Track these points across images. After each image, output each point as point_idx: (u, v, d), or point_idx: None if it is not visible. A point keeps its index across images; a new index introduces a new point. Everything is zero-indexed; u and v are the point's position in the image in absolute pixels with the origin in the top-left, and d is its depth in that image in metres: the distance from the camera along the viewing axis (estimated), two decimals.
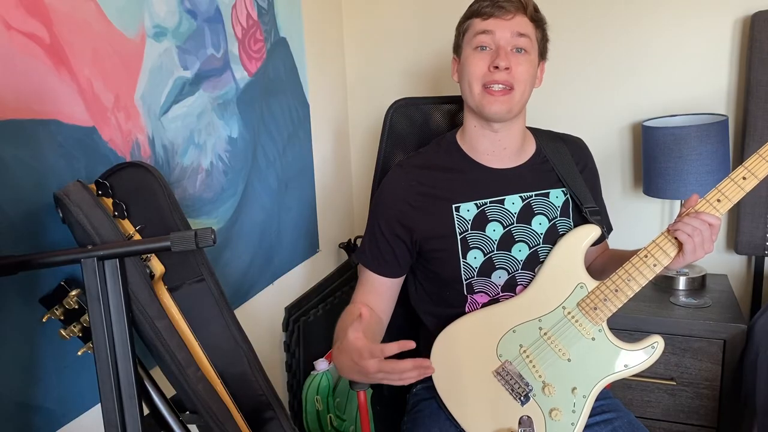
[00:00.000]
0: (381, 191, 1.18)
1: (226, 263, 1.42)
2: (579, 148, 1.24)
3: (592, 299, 1.07)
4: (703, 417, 1.59)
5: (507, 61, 1.05)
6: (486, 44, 1.07)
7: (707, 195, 1.02)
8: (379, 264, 1.17)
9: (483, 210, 1.13)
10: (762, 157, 0.99)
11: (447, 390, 1.13)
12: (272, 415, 1.07)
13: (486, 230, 1.13)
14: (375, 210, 1.19)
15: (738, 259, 1.83)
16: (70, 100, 0.98)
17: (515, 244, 1.14)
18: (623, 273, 1.06)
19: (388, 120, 1.36)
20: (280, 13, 1.64)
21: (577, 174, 1.19)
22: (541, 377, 1.08)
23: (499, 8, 1.06)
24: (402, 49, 2.04)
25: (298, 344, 1.74)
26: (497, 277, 1.14)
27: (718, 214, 1.01)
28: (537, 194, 1.16)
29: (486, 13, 1.07)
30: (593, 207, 1.17)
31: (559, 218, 1.16)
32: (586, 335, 1.07)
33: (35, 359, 0.94)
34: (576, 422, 1.06)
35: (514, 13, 1.07)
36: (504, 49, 1.06)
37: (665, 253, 1.04)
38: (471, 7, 1.12)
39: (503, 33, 1.06)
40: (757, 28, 1.62)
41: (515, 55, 1.07)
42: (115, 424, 0.83)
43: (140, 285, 0.90)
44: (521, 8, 1.07)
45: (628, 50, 1.82)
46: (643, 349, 1.07)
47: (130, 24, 1.11)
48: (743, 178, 1.00)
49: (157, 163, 1.19)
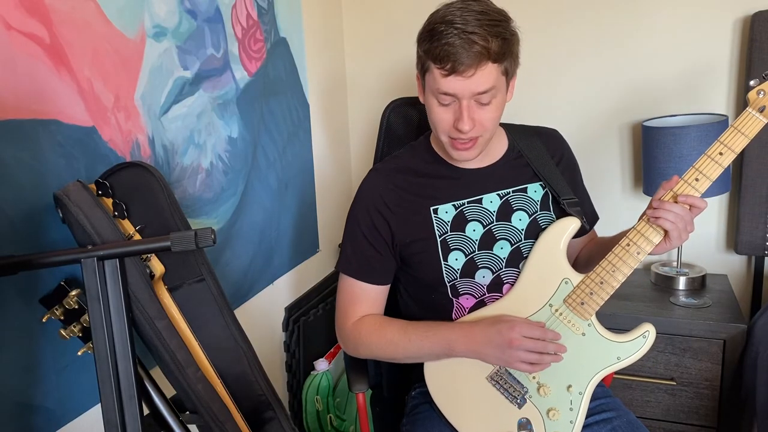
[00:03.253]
0: (358, 198, 1.16)
1: (226, 263, 1.42)
2: (554, 140, 1.22)
3: (578, 294, 1.06)
4: (703, 417, 1.60)
5: (470, 121, 1.00)
6: (448, 101, 1.01)
7: (685, 175, 1.00)
8: (364, 271, 1.14)
9: (461, 210, 1.13)
10: (738, 130, 0.98)
11: (443, 398, 1.12)
12: (272, 415, 1.07)
13: (466, 230, 1.12)
14: (355, 217, 1.16)
15: (738, 259, 1.83)
16: (70, 100, 0.98)
17: (497, 242, 1.13)
18: (607, 264, 1.04)
19: (385, 120, 1.36)
20: (280, 13, 1.64)
21: (553, 167, 1.17)
22: (535, 378, 1.07)
23: (459, 64, 0.95)
24: (402, 49, 2.04)
25: (298, 344, 1.74)
26: (481, 276, 1.13)
27: (697, 194, 0.99)
28: (514, 190, 1.15)
29: (445, 69, 0.97)
30: (571, 199, 1.15)
31: (539, 212, 1.15)
32: (576, 331, 1.06)
33: (35, 359, 0.94)
34: (575, 420, 1.06)
35: (476, 68, 0.96)
36: (466, 108, 1.00)
37: (648, 240, 1.02)
38: (431, 43, 0.99)
39: (464, 93, 0.99)
40: (757, 28, 1.62)
41: (479, 107, 1.01)
42: (115, 424, 0.83)
43: (140, 285, 0.90)
44: (484, 55, 0.95)
45: (628, 49, 1.82)
46: (634, 340, 1.05)
47: (130, 24, 1.11)
48: (720, 154, 0.98)
49: (157, 163, 1.19)
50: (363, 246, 1.14)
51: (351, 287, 1.16)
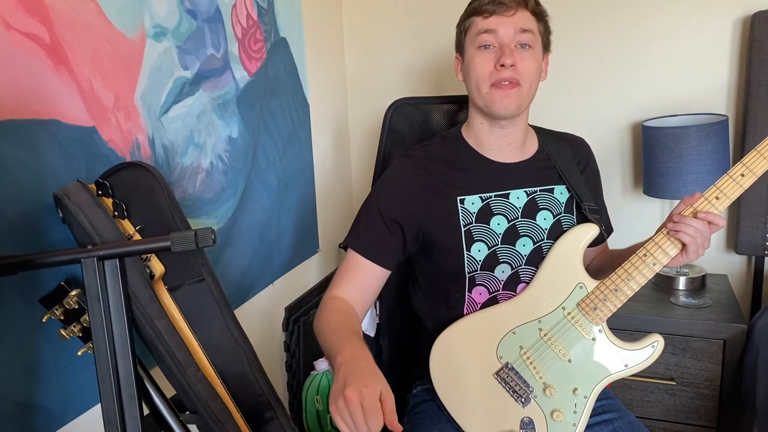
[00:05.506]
0: (386, 178, 1.16)
1: (226, 263, 1.42)
2: (581, 148, 1.24)
3: (591, 299, 1.07)
4: (703, 417, 1.59)
5: (512, 58, 1.04)
6: (489, 43, 1.07)
7: (706, 192, 1.02)
8: (372, 250, 1.12)
9: (488, 203, 1.13)
10: (760, 153, 0.99)
11: (447, 393, 1.13)
12: (272, 415, 1.06)
13: (490, 224, 1.13)
14: (376, 195, 1.16)
15: (738, 259, 1.83)
16: (70, 100, 0.98)
17: (519, 239, 1.14)
18: (622, 272, 1.06)
19: (388, 120, 1.36)
20: (280, 13, 1.64)
21: (578, 173, 1.19)
22: (542, 378, 1.08)
23: (499, 5, 1.05)
24: (402, 48, 2.04)
25: (298, 344, 1.74)
26: (500, 271, 1.14)
27: (716, 212, 1.01)
28: (542, 189, 1.16)
29: (487, 10, 1.06)
30: (593, 206, 1.17)
31: (563, 214, 1.16)
32: (587, 336, 1.07)
33: (35, 359, 0.94)
34: (577, 423, 1.06)
35: (516, 9, 1.05)
36: (508, 47, 1.05)
37: (665, 252, 1.04)
38: (471, 4, 1.11)
39: (506, 30, 1.05)
40: (757, 28, 1.62)
41: (519, 51, 1.06)
42: (115, 424, 0.83)
43: (140, 285, 0.90)
44: (522, 3, 1.06)
45: (628, 50, 1.82)
46: (642, 349, 1.07)
47: (130, 24, 1.11)
48: (741, 175, 1.00)
49: (157, 163, 1.19)
50: (375, 223, 1.13)
51: (349, 260, 1.15)
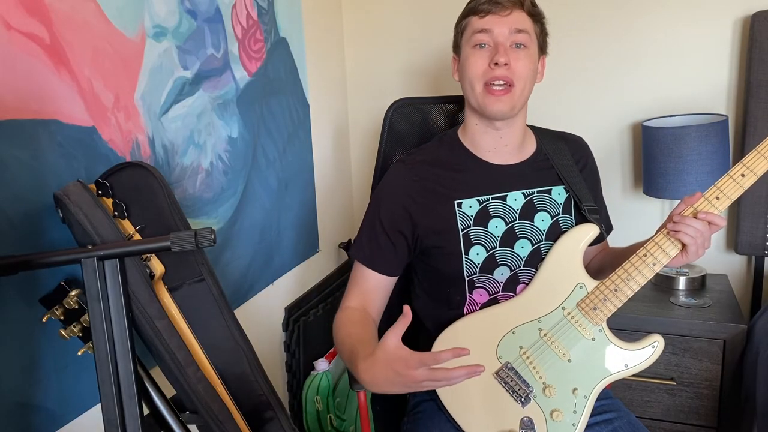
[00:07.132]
0: (383, 186, 1.18)
1: (226, 263, 1.42)
2: (579, 147, 1.24)
3: (591, 299, 1.07)
4: (703, 417, 1.59)
5: (506, 56, 1.05)
6: (485, 42, 1.07)
7: (706, 192, 1.02)
8: (377, 261, 1.15)
9: (485, 206, 1.13)
10: (761, 153, 0.99)
11: (447, 392, 1.13)
12: (272, 415, 1.06)
13: (488, 226, 1.13)
14: (376, 205, 1.18)
15: (738, 259, 1.83)
16: (70, 100, 0.98)
17: (518, 241, 1.14)
18: (622, 272, 1.06)
19: (388, 120, 1.36)
20: (280, 13, 1.64)
21: (576, 173, 1.19)
22: (542, 378, 1.08)
23: (495, 5, 1.06)
24: (402, 48, 2.04)
25: (298, 344, 1.74)
26: (499, 273, 1.14)
27: (717, 212, 1.01)
28: (539, 191, 1.16)
29: (483, 10, 1.07)
30: (592, 206, 1.17)
31: (561, 215, 1.16)
32: (587, 336, 1.07)
33: (35, 359, 0.94)
34: (577, 423, 1.06)
35: (511, 9, 1.06)
36: (503, 46, 1.06)
37: (665, 253, 1.04)
38: (468, 4, 1.12)
39: (501, 29, 1.06)
40: (757, 28, 1.62)
41: (514, 50, 1.07)
42: (115, 424, 0.83)
43: (140, 285, 0.90)
44: (518, 3, 1.07)
45: (628, 50, 1.82)
46: (643, 349, 1.07)
47: (130, 24, 1.11)
48: (742, 175, 1.00)
49: (157, 163, 1.19)
50: (378, 234, 1.15)
51: (356, 272, 1.19)
